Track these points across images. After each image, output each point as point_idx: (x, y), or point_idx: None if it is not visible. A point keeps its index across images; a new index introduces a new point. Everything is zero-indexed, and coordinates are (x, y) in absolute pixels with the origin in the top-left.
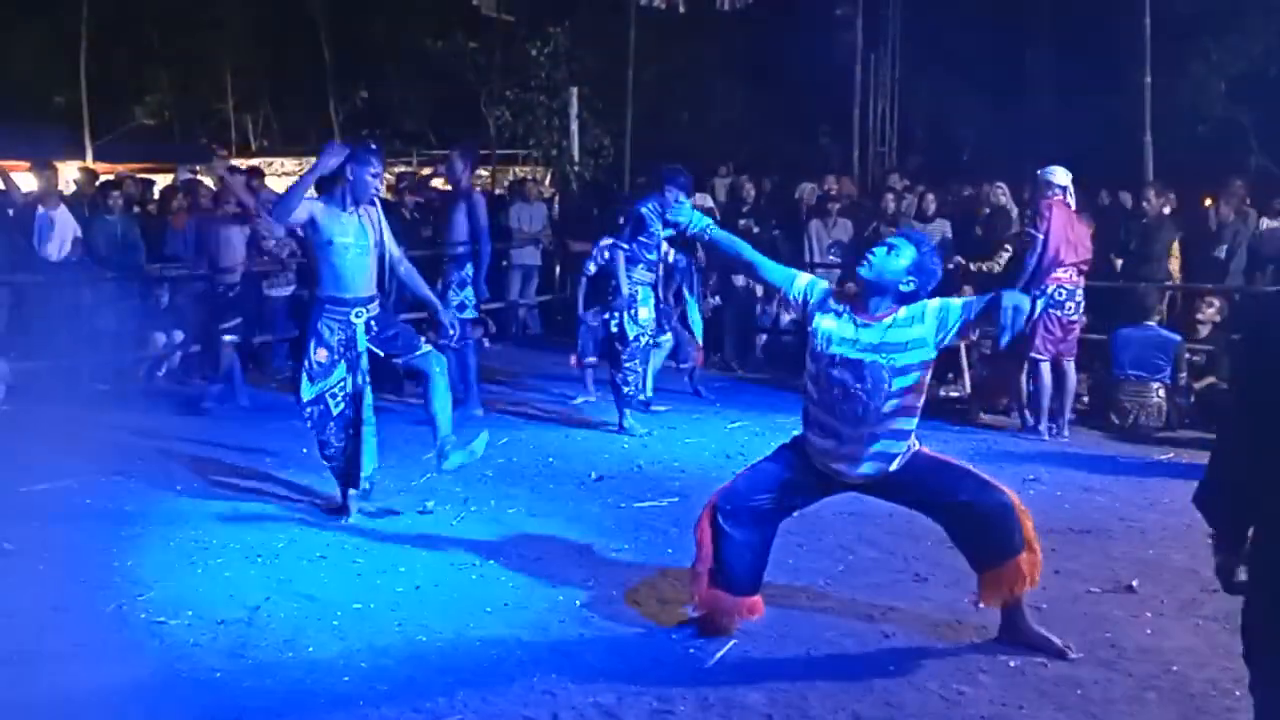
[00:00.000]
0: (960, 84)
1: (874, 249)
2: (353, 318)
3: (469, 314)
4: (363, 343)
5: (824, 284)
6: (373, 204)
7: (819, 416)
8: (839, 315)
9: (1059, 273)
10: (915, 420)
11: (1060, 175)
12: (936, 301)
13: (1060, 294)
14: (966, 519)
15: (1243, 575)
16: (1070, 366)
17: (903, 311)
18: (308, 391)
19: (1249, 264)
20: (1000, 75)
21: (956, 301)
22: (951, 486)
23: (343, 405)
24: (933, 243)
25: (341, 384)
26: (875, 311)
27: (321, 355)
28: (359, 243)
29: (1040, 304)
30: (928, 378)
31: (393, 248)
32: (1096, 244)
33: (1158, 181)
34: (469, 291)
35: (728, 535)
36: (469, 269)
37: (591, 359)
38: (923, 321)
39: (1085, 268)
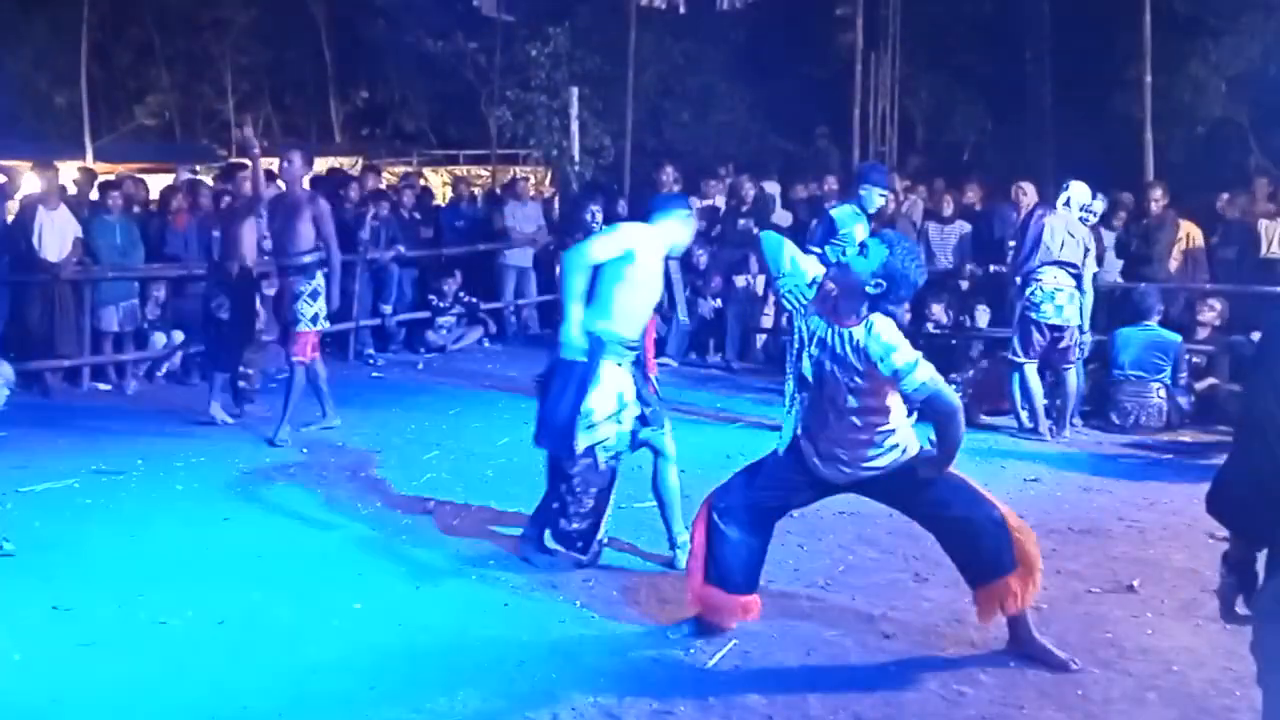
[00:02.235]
0: (960, 84)
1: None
2: (632, 365)
3: (321, 326)
4: (634, 392)
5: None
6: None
7: (801, 413)
8: (821, 314)
9: (1038, 274)
10: (894, 425)
11: (1068, 187)
12: (900, 358)
13: (1037, 295)
14: (956, 533)
15: (1243, 609)
16: (1069, 373)
17: (859, 332)
18: (581, 441)
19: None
20: (1000, 75)
21: (914, 373)
22: (944, 499)
23: (612, 462)
24: (911, 246)
25: (617, 437)
26: (845, 315)
27: (599, 401)
28: (658, 284)
29: (1017, 306)
30: (891, 394)
31: None
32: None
33: (1161, 181)
34: (321, 303)
35: (722, 532)
36: (319, 279)
37: None
38: (870, 357)
39: (1075, 270)
